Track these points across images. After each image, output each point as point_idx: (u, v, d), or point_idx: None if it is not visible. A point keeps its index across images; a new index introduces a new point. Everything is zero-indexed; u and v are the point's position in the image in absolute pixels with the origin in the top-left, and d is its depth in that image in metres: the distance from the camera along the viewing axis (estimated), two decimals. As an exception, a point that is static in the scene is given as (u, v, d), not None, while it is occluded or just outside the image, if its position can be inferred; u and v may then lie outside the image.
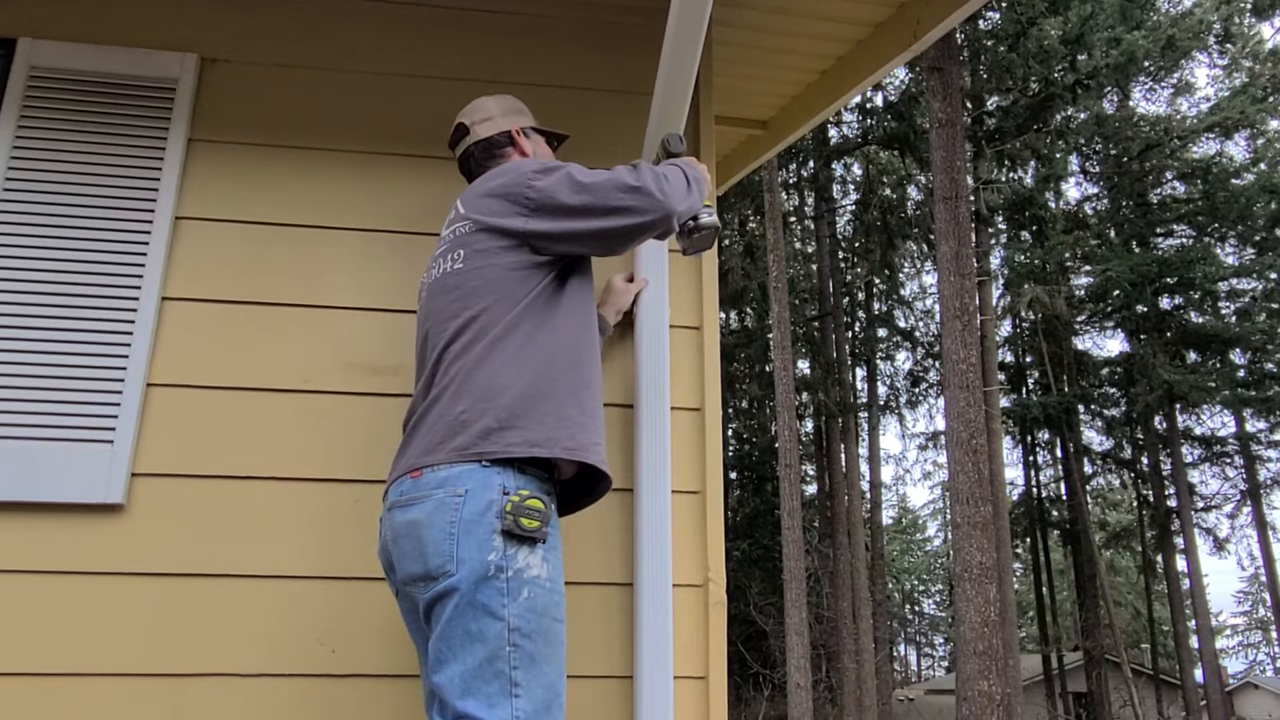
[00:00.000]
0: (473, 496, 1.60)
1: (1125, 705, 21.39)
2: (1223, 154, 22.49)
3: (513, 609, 1.56)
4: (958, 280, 11.79)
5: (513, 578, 1.57)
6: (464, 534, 1.58)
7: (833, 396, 20.68)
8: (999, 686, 10.55)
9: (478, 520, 1.59)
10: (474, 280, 1.79)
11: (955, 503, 11.21)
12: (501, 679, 1.53)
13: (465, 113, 2.12)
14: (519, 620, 1.56)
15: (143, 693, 2.00)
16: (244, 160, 2.40)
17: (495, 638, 1.54)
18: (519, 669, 1.54)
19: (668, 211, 1.81)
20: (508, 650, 1.54)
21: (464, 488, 1.61)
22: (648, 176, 1.82)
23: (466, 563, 1.56)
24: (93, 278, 2.21)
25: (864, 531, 21.00)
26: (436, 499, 1.62)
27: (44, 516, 2.06)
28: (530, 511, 1.61)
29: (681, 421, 2.34)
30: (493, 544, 1.58)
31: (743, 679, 20.66)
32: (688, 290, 2.47)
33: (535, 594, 1.59)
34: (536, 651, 1.57)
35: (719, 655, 2.19)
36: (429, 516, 1.61)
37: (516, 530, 1.58)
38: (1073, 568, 25.92)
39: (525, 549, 1.60)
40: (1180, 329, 22.40)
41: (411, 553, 1.62)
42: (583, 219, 1.80)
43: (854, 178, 23.52)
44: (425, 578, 1.60)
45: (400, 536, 1.65)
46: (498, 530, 1.58)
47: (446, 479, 1.62)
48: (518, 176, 1.86)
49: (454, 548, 1.57)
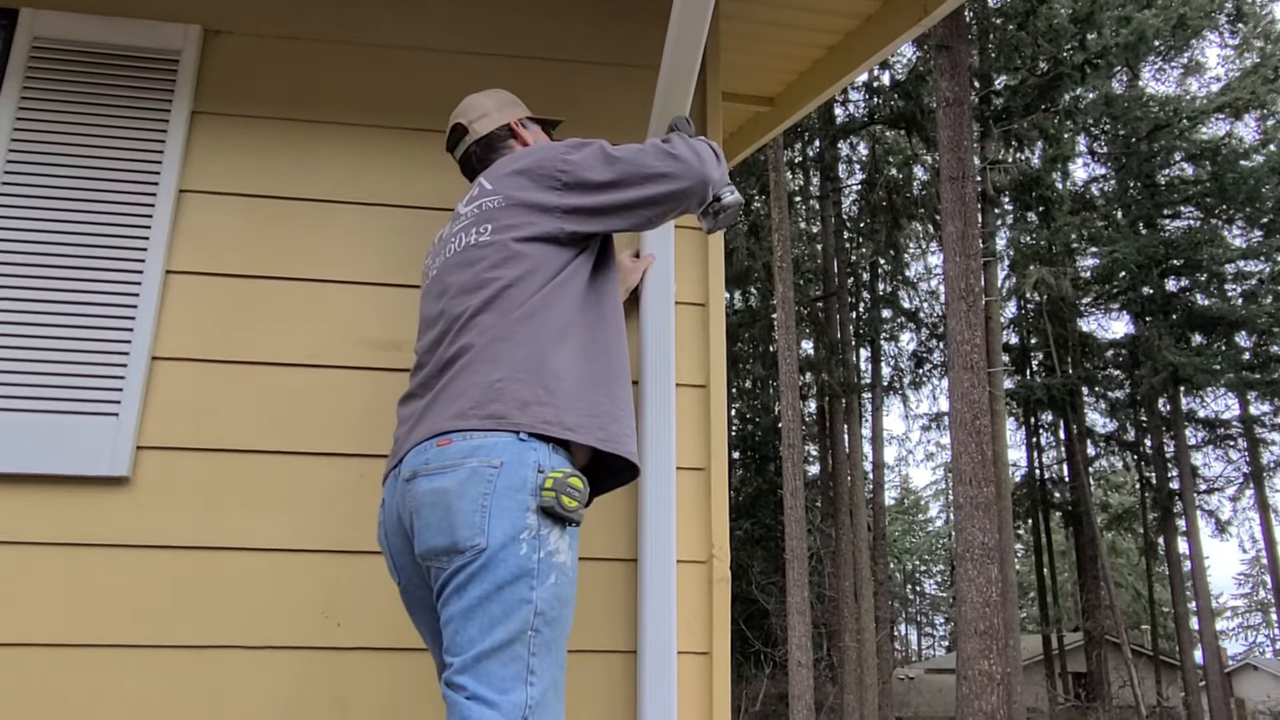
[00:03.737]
0: (509, 469, 1.52)
1: (1125, 685, 21.51)
2: (1232, 135, 22.33)
3: (541, 592, 1.48)
4: (963, 261, 11.75)
5: (543, 560, 1.50)
6: (497, 508, 1.49)
7: (836, 377, 20.67)
8: (999, 666, 10.60)
9: (513, 494, 1.51)
10: (503, 252, 1.72)
11: (958, 483, 11.23)
12: (519, 663, 1.46)
13: (459, 113, 2.04)
14: (545, 605, 1.49)
15: (148, 664, 2.01)
16: (248, 133, 2.39)
17: (520, 621, 1.46)
18: (536, 655, 1.47)
19: (704, 178, 1.78)
20: (529, 635, 1.47)
21: (500, 459, 1.53)
22: (680, 145, 1.79)
23: (499, 538, 1.48)
24: (97, 250, 2.21)
25: (866, 512, 21.05)
26: (469, 467, 1.52)
27: (50, 488, 2.07)
28: (573, 490, 1.54)
29: (686, 398, 2.34)
30: (526, 521, 1.50)
31: (744, 657, 20.78)
32: (694, 267, 2.46)
33: (561, 580, 1.52)
34: (553, 640, 1.51)
35: (722, 631, 2.20)
36: (460, 486, 1.51)
37: (558, 509, 1.51)
38: (1074, 549, 25.99)
39: (557, 531, 1.53)
40: (1186, 311, 22.33)
41: (437, 524, 1.52)
42: (619, 190, 1.76)
43: (860, 157, 23.40)
44: (451, 550, 1.50)
45: (425, 506, 1.55)
46: (532, 508, 1.51)
47: (479, 447, 1.54)
48: (550, 152, 1.82)
49: (486, 521, 1.48)
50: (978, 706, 10.49)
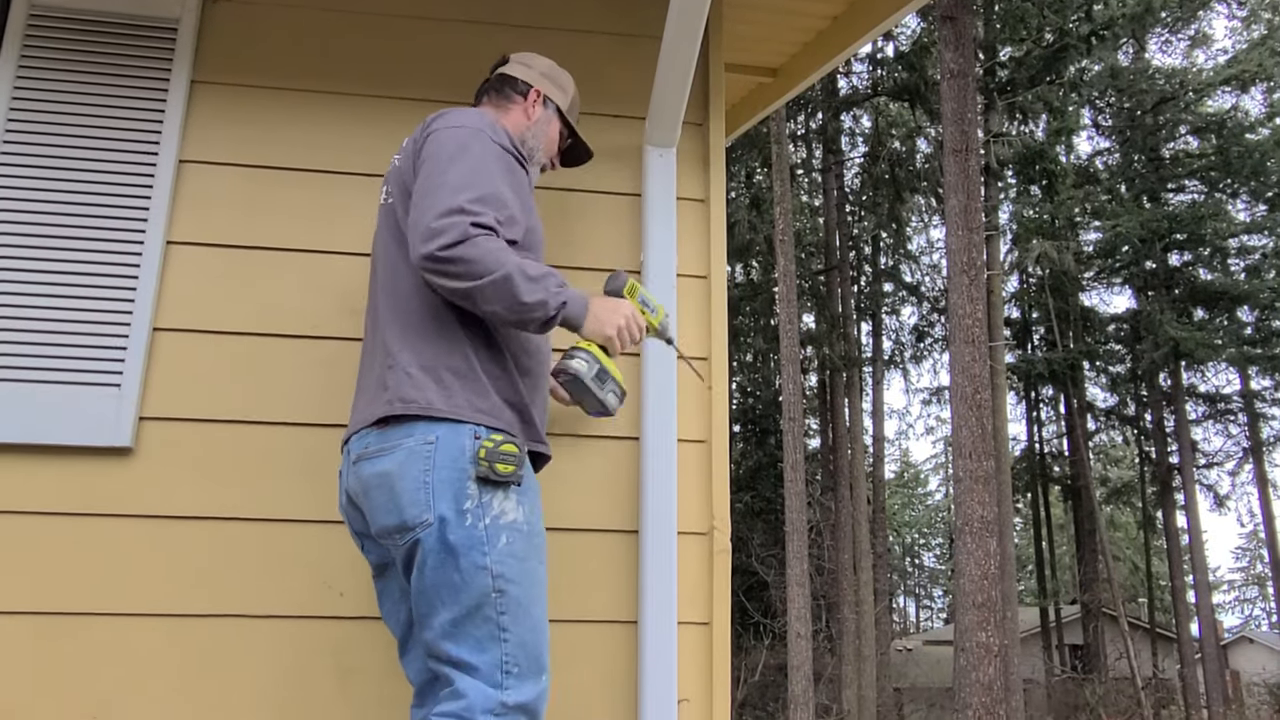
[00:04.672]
0: (445, 443, 1.58)
1: (1121, 657, 21.67)
2: (1238, 108, 22.16)
3: (494, 556, 1.55)
4: (966, 235, 11.70)
5: (490, 525, 1.56)
6: (439, 482, 1.55)
7: (837, 351, 20.66)
8: (997, 638, 10.68)
9: (452, 467, 1.56)
10: (395, 227, 1.73)
11: (958, 457, 11.25)
12: (489, 624, 1.54)
13: (518, 54, 2.05)
14: (501, 567, 1.55)
15: (152, 632, 2.02)
16: (247, 103, 2.37)
17: (479, 586, 1.53)
18: (506, 614, 1.55)
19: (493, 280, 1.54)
20: (493, 597, 1.54)
21: (434, 435, 1.58)
22: (486, 243, 1.56)
23: (444, 512, 1.54)
24: (97, 221, 2.20)
25: (866, 485, 21.12)
26: (407, 448, 1.58)
27: (54, 459, 2.08)
28: (505, 456, 1.58)
29: (688, 371, 2.34)
30: (468, 491, 1.56)
31: (744, 628, 20.93)
32: (695, 240, 2.45)
33: (514, 539, 1.58)
34: (521, 595, 1.57)
35: (723, 602, 2.21)
36: (400, 467, 1.58)
37: (492, 476, 1.56)
38: (1073, 523, 26.09)
39: (500, 494, 1.58)
40: (1189, 286, 22.27)
41: (385, 505, 1.59)
42: (419, 195, 1.63)
43: (863, 130, 23.24)
44: (401, 529, 1.57)
45: (371, 489, 1.62)
46: (472, 477, 1.56)
47: (415, 427, 1.59)
48: (448, 116, 1.75)
49: (430, 497, 1.55)
50: (975, 678, 10.58)
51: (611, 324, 1.69)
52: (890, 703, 22.34)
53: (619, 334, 1.70)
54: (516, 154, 1.77)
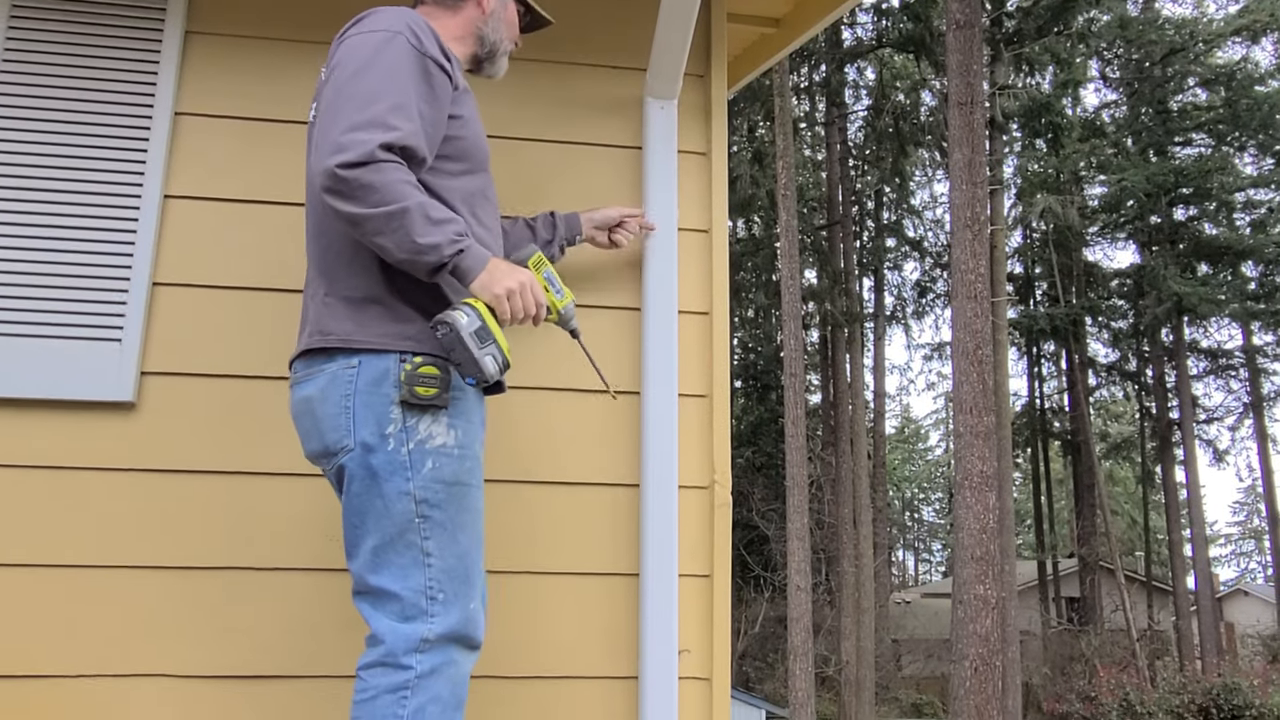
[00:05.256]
0: (367, 367, 1.54)
1: (1117, 610, 21.94)
2: (1248, 59, 21.86)
3: (417, 481, 1.52)
4: (969, 189, 11.62)
5: (414, 449, 1.52)
6: (361, 406, 1.53)
7: (839, 306, 20.64)
8: (994, 590, 10.80)
9: (373, 391, 1.53)
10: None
11: (959, 412, 11.29)
12: (413, 549, 1.51)
13: None
14: (425, 491, 1.52)
15: (157, 584, 2.04)
16: (244, 53, 2.33)
17: (402, 512, 1.51)
18: (430, 539, 1.52)
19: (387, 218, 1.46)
20: (416, 522, 1.51)
21: (357, 360, 1.55)
22: (392, 172, 1.47)
23: (364, 436, 1.52)
24: (93, 175, 2.18)
25: (866, 440, 21.22)
26: (329, 372, 1.56)
27: (57, 413, 2.08)
28: (425, 379, 1.53)
29: (689, 325, 2.33)
30: (390, 415, 1.52)
31: (744, 581, 21.18)
32: (697, 193, 2.43)
33: (441, 463, 1.54)
34: (448, 520, 1.54)
35: (723, 555, 2.23)
36: (323, 391, 1.56)
37: (412, 399, 1.52)
38: (1072, 478, 26.25)
39: (428, 418, 1.54)
40: (1193, 240, 22.16)
41: (310, 430, 1.59)
42: (324, 107, 1.54)
43: (866, 82, 22.97)
44: (325, 454, 1.57)
45: (299, 415, 1.62)
46: (395, 400, 1.53)
47: (338, 352, 1.56)
48: (365, 20, 1.64)
49: (350, 421, 1.53)
50: (972, 629, 10.72)
51: (503, 285, 1.54)
52: (888, 654, 22.67)
53: (509, 296, 1.55)
54: (440, 60, 1.64)
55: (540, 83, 2.43)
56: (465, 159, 1.69)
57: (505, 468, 2.19)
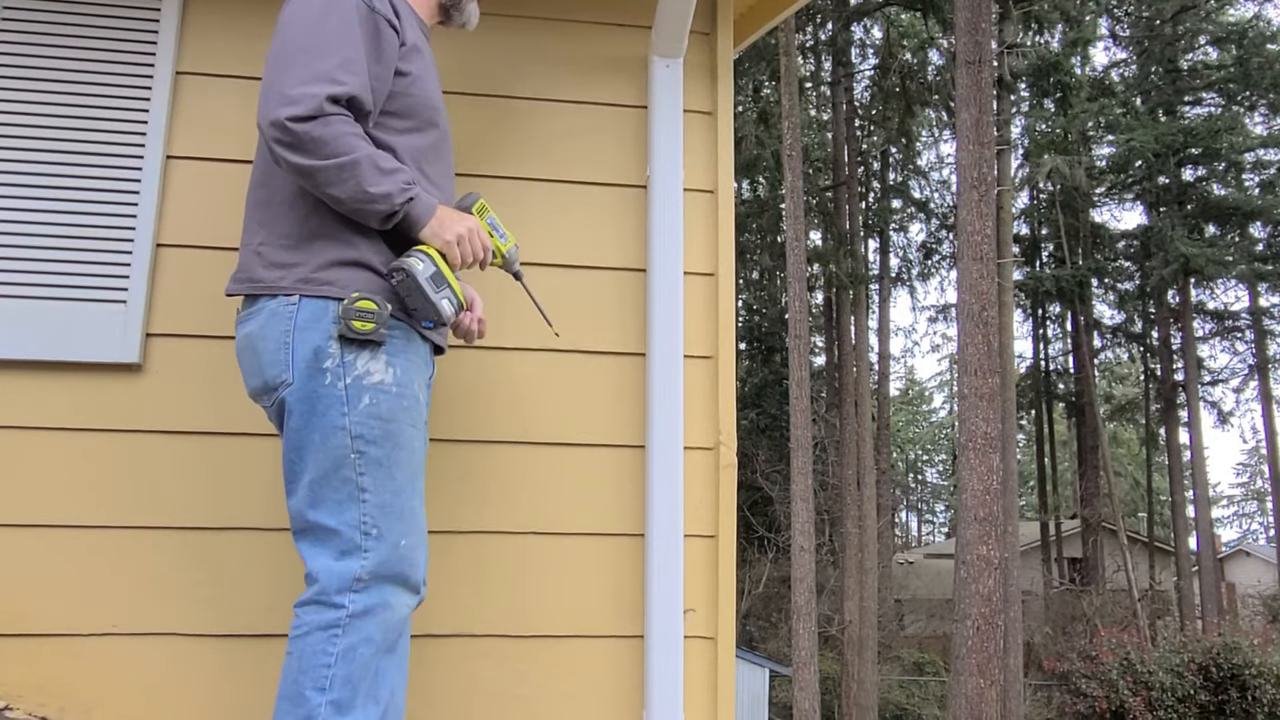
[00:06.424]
0: (306, 304, 1.56)
1: (1119, 570, 22.08)
2: (1260, 17, 21.52)
3: (354, 416, 1.53)
4: (977, 149, 11.50)
5: (351, 384, 1.54)
6: (299, 342, 1.55)
7: (844, 268, 20.54)
8: (997, 551, 10.86)
9: (312, 326, 1.55)
10: None
11: (963, 374, 11.28)
12: (349, 485, 1.53)
13: None
14: (361, 427, 1.54)
15: (163, 544, 2.06)
16: (244, 12, 2.31)
17: (338, 447, 1.53)
18: (365, 474, 1.54)
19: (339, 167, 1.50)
20: (352, 458, 1.53)
21: (297, 294, 1.57)
22: (340, 125, 1.52)
23: (302, 371, 1.54)
24: (95, 136, 2.16)
25: (871, 402, 21.25)
26: (269, 309, 1.58)
27: (64, 375, 2.08)
28: (361, 313, 1.54)
29: (694, 286, 2.33)
30: (329, 350, 1.54)
31: (749, 541, 21.32)
32: (702, 154, 2.41)
33: (379, 399, 1.56)
34: (384, 456, 1.55)
35: (728, 515, 2.24)
36: (262, 328, 1.58)
37: (349, 333, 1.53)
38: (1075, 439, 26.30)
39: (366, 354, 1.56)
40: (1201, 201, 21.97)
41: (252, 366, 1.61)
42: (272, 59, 1.56)
43: (873, 41, 22.67)
44: (266, 389, 1.59)
45: (241, 352, 1.64)
46: (334, 335, 1.54)
47: (278, 290, 1.58)
48: None
49: (289, 357, 1.55)
50: (975, 590, 10.80)
51: (453, 230, 1.63)
52: (891, 613, 22.88)
53: (459, 241, 1.63)
54: (390, 17, 1.66)
55: (542, 40, 2.40)
56: (411, 116, 1.71)
57: (511, 429, 2.19)
